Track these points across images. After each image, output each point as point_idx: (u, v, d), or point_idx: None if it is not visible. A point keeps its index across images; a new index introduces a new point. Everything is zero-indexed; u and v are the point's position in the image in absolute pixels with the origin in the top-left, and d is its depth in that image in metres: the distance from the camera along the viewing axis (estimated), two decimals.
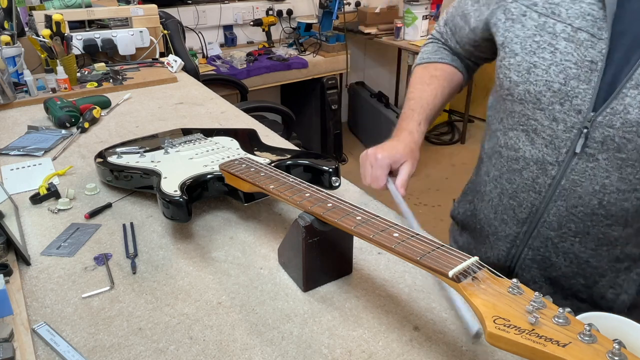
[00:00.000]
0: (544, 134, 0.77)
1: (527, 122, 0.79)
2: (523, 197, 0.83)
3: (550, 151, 0.77)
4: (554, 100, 0.74)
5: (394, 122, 3.18)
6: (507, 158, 0.84)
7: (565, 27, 0.72)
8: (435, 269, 0.50)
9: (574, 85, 0.72)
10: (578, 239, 0.80)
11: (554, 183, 0.78)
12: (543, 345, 0.40)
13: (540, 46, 0.75)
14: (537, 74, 0.75)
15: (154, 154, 0.93)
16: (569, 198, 0.77)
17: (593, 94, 0.71)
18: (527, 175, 0.81)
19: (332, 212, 0.63)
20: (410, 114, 0.93)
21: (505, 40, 0.79)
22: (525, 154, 0.81)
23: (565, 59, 0.72)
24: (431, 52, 1.01)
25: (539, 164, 0.79)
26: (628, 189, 0.73)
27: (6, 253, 0.74)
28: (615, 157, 0.71)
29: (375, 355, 0.59)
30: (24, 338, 0.59)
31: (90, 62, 1.81)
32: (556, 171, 0.77)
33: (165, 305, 0.66)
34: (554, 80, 0.73)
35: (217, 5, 3.11)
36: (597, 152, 0.72)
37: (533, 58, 0.75)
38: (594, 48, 0.70)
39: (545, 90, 0.74)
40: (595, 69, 0.70)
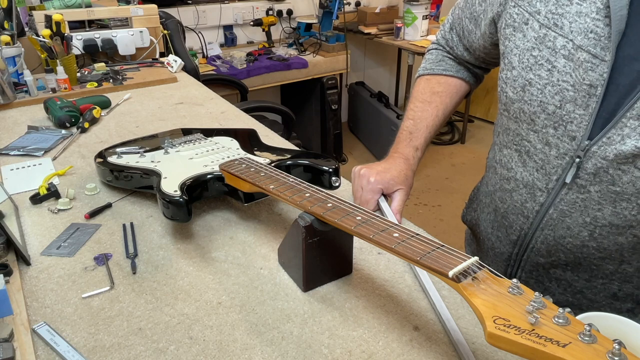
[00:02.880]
0: (536, 158, 0.72)
1: (520, 142, 0.74)
2: (513, 219, 0.79)
3: (540, 176, 0.72)
4: (548, 123, 0.68)
5: (394, 122, 3.20)
6: (500, 176, 0.80)
7: (566, 42, 0.65)
8: (435, 269, 0.50)
9: (569, 109, 0.65)
10: (570, 267, 0.75)
11: (541, 210, 0.73)
12: (543, 346, 0.40)
13: (537, 62, 0.68)
14: (532, 93, 0.69)
15: (154, 154, 0.93)
16: (556, 228, 0.72)
17: (589, 121, 0.64)
18: (517, 197, 0.77)
19: (332, 212, 0.63)
20: (407, 137, 0.90)
21: (505, 49, 0.73)
22: (516, 175, 0.76)
23: (563, 80, 0.65)
24: (435, 62, 0.96)
25: (529, 187, 0.74)
26: (622, 225, 0.67)
27: (6, 253, 0.74)
28: (608, 190, 0.65)
29: (375, 355, 0.59)
30: (24, 338, 0.59)
31: (90, 62, 1.81)
32: (544, 198, 0.72)
33: (165, 305, 0.66)
34: (549, 102, 0.67)
35: (217, 5, 3.11)
36: (589, 184, 0.66)
37: (529, 74, 0.69)
38: (594, 70, 0.62)
39: (539, 112, 0.69)
40: (594, 93, 0.63)
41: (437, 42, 0.98)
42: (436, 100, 0.92)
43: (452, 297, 0.68)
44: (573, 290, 0.77)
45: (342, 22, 3.22)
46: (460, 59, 0.94)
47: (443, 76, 0.94)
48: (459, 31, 0.90)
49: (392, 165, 0.86)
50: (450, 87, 0.93)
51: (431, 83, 0.94)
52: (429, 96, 0.93)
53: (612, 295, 0.74)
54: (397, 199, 0.83)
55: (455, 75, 0.94)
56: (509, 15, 0.72)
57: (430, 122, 0.91)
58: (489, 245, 0.87)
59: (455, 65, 0.95)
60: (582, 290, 0.76)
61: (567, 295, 0.78)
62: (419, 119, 0.91)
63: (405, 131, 0.91)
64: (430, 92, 0.93)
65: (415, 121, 0.91)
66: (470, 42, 0.87)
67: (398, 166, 0.86)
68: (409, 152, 0.88)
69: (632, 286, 0.73)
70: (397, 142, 0.91)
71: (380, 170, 0.84)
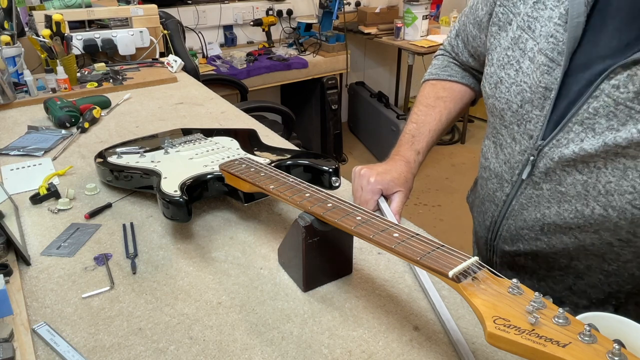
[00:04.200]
0: (505, 151, 0.75)
1: (496, 135, 0.78)
2: (487, 206, 0.83)
3: (507, 169, 0.76)
4: (513, 120, 0.72)
5: (394, 122, 3.20)
6: (481, 165, 0.85)
7: (534, 45, 0.68)
8: (435, 269, 0.50)
9: (528, 109, 0.69)
10: (530, 257, 0.78)
11: (507, 201, 0.77)
12: (543, 346, 0.40)
13: (509, 61, 0.71)
14: (501, 90, 0.73)
15: (154, 154, 0.93)
16: (517, 219, 0.76)
17: (544, 122, 0.67)
18: (490, 186, 0.81)
19: (332, 212, 0.63)
20: (409, 140, 0.91)
21: (490, 46, 0.76)
22: (490, 165, 0.80)
23: (524, 81, 0.69)
24: (440, 68, 0.97)
25: (498, 178, 0.78)
26: (563, 225, 0.69)
27: (6, 253, 0.74)
28: (556, 190, 0.68)
29: (375, 355, 0.59)
30: (24, 338, 0.59)
31: (90, 62, 1.81)
32: (509, 189, 0.76)
33: (165, 305, 0.66)
34: (513, 101, 0.71)
35: (217, 5, 3.11)
36: (542, 181, 0.70)
37: (501, 73, 0.73)
38: (550, 74, 0.65)
39: (506, 109, 0.72)
40: (548, 96, 0.66)
41: (444, 49, 0.99)
42: (440, 105, 0.93)
43: (452, 297, 0.68)
44: (537, 277, 0.79)
45: (342, 22, 3.22)
46: (465, 65, 0.94)
47: (448, 81, 0.95)
48: (464, 37, 0.90)
49: (393, 167, 0.86)
50: (455, 93, 0.94)
51: (436, 88, 0.95)
52: (433, 100, 0.93)
53: (569, 289, 0.77)
54: (396, 200, 0.83)
55: (461, 81, 0.94)
56: (495, 14, 0.75)
57: (433, 126, 0.91)
58: (475, 228, 0.91)
59: (461, 72, 0.95)
60: (544, 278, 0.79)
61: (533, 281, 0.80)
62: (422, 123, 0.91)
63: (408, 134, 0.91)
64: (434, 96, 0.94)
65: (419, 125, 0.92)
66: (475, 48, 0.88)
67: (398, 168, 0.86)
68: (410, 155, 0.89)
69: (584, 283, 0.74)
70: (399, 145, 0.91)
71: (381, 171, 0.85)
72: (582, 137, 0.63)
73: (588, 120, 0.62)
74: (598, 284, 0.72)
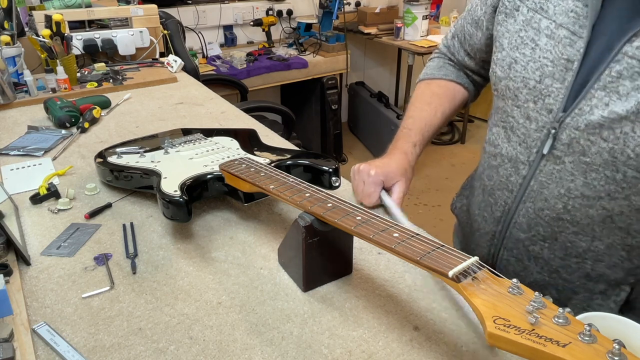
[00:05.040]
0: (519, 132, 0.77)
1: (506, 119, 0.79)
2: (498, 195, 0.83)
3: (522, 150, 0.76)
4: (529, 97, 0.73)
5: (394, 122, 3.20)
6: (488, 154, 0.85)
7: (549, 23, 0.71)
8: (435, 269, 0.50)
9: (548, 83, 0.71)
10: (547, 244, 0.78)
11: (524, 183, 0.77)
12: (543, 346, 0.40)
13: (523, 42, 0.74)
14: (516, 70, 0.75)
15: (154, 154, 0.93)
16: (536, 200, 0.76)
17: (565, 94, 0.69)
18: (503, 172, 0.81)
19: (332, 212, 0.63)
20: (406, 134, 0.93)
21: (497, 34, 0.80)
22: (502, 151, 0.81)
23: (544, 56, 0.71)
24: (435, 68, 0.99)
25: (513, 162, 0.79)
26: (592, 196, 0.70)
27: (6, 253, 0.74)
28: (580, 161, 0.69)
29: (375, 355, 0.59)
30: (24, 338, 0.59)
31: (90, 62, 1.81)
32: (527, 171, 0.76)
33: (165, 305, 0.66)
34: (531, 77, 0.73)
35: (217, 5, 3.11)
36: (564, 154, 0.71)
37: (515, 53, 0.75)
38: (572, 46, 0.68)
39: (522, 87, 0.74)
40: (570, 67, 0.69)
41: (439, 51, 1.01)
42: (435, 102, 0.95)
43: (452, 297, 0.68)
44: (549, 269, 0.79)
45: (342, 22, 3.22)
46: (461, 64, 0.97)
47: (443, 80, 0.97)
48: (460, 37, 0.94)
49: (391, 159, 0.89)
50: (450, 91, 0.96)
51: (431, 86, 0.98)
52: (428, 97, 0.96)
53: (586, 276, 0.77)
54: (397, 190, 0.86)
55: (455, 80, 0.97)
56: (502, 4, 0.79)
57: (429, 121, 0.93)
58: (475, 227, 0.90)
59: (456, 72, 0.98)
60: (557, 269, 0.79)
61: (544, 274, 0.80)
62: (417, 118, 0.94)
63: (405, 129, 0.94)
64: (430, 94, 0.97)
65: (414, 119, 0.94)
66: (472, 45, 0.91)
67: (397, 160, 0.88)
68: (407, 147, 0.91)
69: (603, 265, 0.75)
70: (396, 140, 0.94)
71: (379, 164, 0.87)
72: (607, 101, 0.65)
73: (611, 84, 0.64)
74: (619, 263, 0.73)
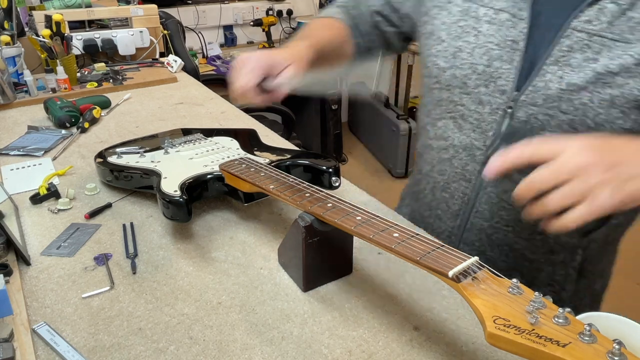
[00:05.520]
0: (471, 119, 0.77)
1: (454, 109, 0.79)
2: (455, 188, 0.82)
3: (477, 135, 0.77)
4: (479, 82, 0.75)
5: (394, 122, 3.20)
6: (437, 149, 0.84)
7: (487, 10, 0.74)
8: (435, 269, 0.50)
9: (497, 66, 0.73)
10: (511, 227, 0.79)
11: (482, 169, 0.76)
12: (543, 346, 0.40)
13: (464, 30, 0.76)
14: (462, 58, 0.76)
15: (154, 154, 0.93)
16: (498, 183, 0.77)
17: (516, 74, 0.71)
18: (457, 163, 0.81)
19: (332, 212, 0.63)
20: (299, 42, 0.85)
21: (433, 28, 0.81)
22: (454, 142, 0.80)
23: (488, 41, 0.74)
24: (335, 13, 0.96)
25: (468, 150, 0.79)
26: None
27: (6, 253, 0.74)
28: (539, 136, 0.70)
29: (375, 355, 0.59)
30: (24, 338, 0.59)
31: (90, 62, 1.81)
32: (485, 156, 0.77)
33: (165, 305, 0.66)
34: (479, 63, 0.74)
35: (217, 5, 3.12)
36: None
37: (458, 42, 0.76)
38: (515, 28, 0.71)
39: (470, 73, 0.75)
40: (517, 48, 0.71)
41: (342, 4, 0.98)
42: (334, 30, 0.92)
43: (452, 297, 0.68)
44: (515, 254, 0.80)
45: None
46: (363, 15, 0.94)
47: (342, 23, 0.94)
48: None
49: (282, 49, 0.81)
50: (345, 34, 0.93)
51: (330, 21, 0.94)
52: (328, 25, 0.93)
53: (549, 250, 0.78)
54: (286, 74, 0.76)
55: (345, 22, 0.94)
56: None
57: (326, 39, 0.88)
58: (427, 230, 0.88)
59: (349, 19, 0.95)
60: (522, 252, 0.80)
61: (508, 261, 0.80)
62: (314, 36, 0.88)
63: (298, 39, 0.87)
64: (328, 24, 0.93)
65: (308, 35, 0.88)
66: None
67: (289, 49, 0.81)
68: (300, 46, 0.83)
69: (563, 234, 0.75)
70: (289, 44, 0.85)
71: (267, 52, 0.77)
72: (560, 74, 0.68)
73: (563, 58, 0.68)
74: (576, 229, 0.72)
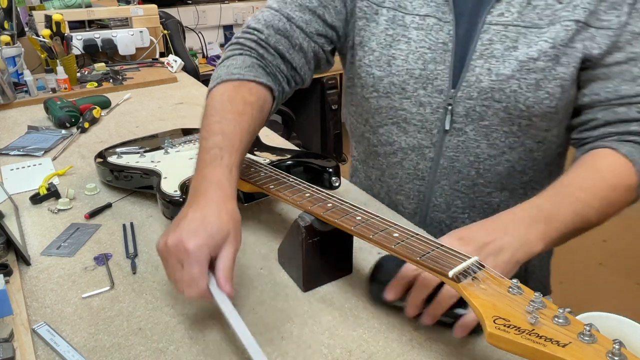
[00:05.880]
0: (414, 121, 0.81)
1: (396, 114, 0.82)
2: (409, 188, 0.86)
3: (423, 135, 0.81)
4: (417, 86, 0.79)
5: None
6: (384, 154, 0.87)
7: (413, 17, 0.78)
8: (435, 269, 0.50)
9: (432, 68, 0.77)
10: (466, 214, 0.85)
11: (433, 165, 0.82)
12: (543, 346, 0.40)
13: (394, 39, 0.79)
14: (397, 65, 0.79)
15: (154, 154, 0.93)
16: (450, 175, 0.82)
17: (449, 73, 0.76)
18: (408, 164, 0.85)
19: (332, 212, 0.63)
20: (217, 156, 0.66)
21: (362, 39, 0.82)
22: (401, 145, 0.84)
23: (420, 46, 0.77)
24: (243, 68, 0.78)
25: (417, 150, 0.83)
26: (497, 154, 0.79)
27: (6, 253, 0.74)
28: (480, 126, 0.77)
29: (375, 355, 0.59)
30: (24, 338, 0.59)
31: (90, 62, 1.81)
32: (433, 153, 0.81)
33: (165, 305, 0.66)
34: (414, 67, 0.78)
35: (217, 5, 3.12)
36: (464, 125, 0.78)
37: (390, 51, 0.79)
38: (442, 31, 0.76)
39: (408, 79, 0.79)
40: (447, 49, 0.76)
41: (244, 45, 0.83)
42: (248, 112, 0.74)
43: None
44: None
45: None
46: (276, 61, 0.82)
47: (255, 83, 0.77)
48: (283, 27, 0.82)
49: (205, 209, 0.60)
50: (261, 100, 0.78)
51: (242, 91, 0.76)
52: (241, 106, 0.74)
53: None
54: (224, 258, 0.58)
55: (267, 84, 0.79)
56: (359, 9, 0.82)
57: (244, 137, 0.71)
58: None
59: (266, 75, 0.80)
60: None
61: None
62: (230, 134, 0.69)
63: (214, 148, 0.67)
64: (242, 102, 0.75)
65: (225, 136, 0.69)
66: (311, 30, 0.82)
67: (213, 206, 0.61)
68: (221, 176, 0.64)
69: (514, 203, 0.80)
70: (203, 166, 0.66)
71: (193, 227, 0.58)
72: (488, 66, 0.74)
73: (486, 51, 0.74)
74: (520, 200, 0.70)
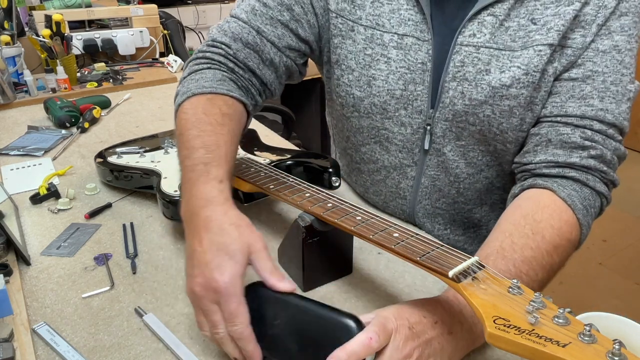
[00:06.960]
0: (396, 140, 0.80)
1: (378, 134, 0.81)
2: (393, 206, 0.87)
3: (405, 155, 0.81)
4: (399, 106, 0.77)
5: None
6: (368, 172, 0.87)
7: (392, 36, 0.75)
8: (435, 269, 0.50)
9: (412, 89, 0.75)
10: (448, 229, 0.85)
11: (415, 184, 0.82)
12: (543, 346, 0.40)
13: (374, 59, 0.76)
14: (378, 86, 0.77)
15: (154, 154, 0.93)
16: (431, 195, 0.83)
17: (428, 93, 0.75)
18: (391, 183, 0.85)
19: (332, 212, 0.63)
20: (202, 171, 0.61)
21: (339, 58, 0.80)
22: (384, 163, 0.84)
23: (400, 66, 0.75)
24: (214, 81, 0.74)
25: (399, 169, 0.83)
26: (476, 171, 0.79)
27: (6, 253, 0.74)
28: (457, 146, 0.77)
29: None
30: (24, 338, 0.59)
31: (90, 62, 1.81)
32: (415, 172, 0.82)
33: (165, 305, 0.66)
34: (395, 88, 0.76)
35: (217, 5, 3.12)
36: (442, 145, 0.77)
37: (370, 71, 0.77)
38: (421, 50, 0.73)
39: (389, 99, 0.77)
40: (426, 69, 0.74)
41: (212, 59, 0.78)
42: (228, 124, 0.70)
43: None
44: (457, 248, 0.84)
45: None
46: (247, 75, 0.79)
47: (229, 97, 0.74)
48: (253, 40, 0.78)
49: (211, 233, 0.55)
50: (238, 113, 0.75)
51: (217, 103, 0.72)
52: (220, 118, 0.69)
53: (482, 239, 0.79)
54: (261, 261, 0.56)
55: (240, 99, 0.75)
56: (334, 26, 0.79)
57: (228, 147, 0.66)
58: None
59: (238, 89, 0.77)
60: (463, 246, 0.88)
61: None
62: (213, 145, 0.65)
63: (199, 165, 0.62)
64: (219, 113, 0.70)
65: (208, 148, 0.64)
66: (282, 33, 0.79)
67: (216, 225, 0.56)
68: (210, 189, 0.59)
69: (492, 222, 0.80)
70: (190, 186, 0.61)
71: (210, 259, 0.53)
72: (461, 89, 0.72)
73: (459, 74, 0.72)
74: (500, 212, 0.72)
